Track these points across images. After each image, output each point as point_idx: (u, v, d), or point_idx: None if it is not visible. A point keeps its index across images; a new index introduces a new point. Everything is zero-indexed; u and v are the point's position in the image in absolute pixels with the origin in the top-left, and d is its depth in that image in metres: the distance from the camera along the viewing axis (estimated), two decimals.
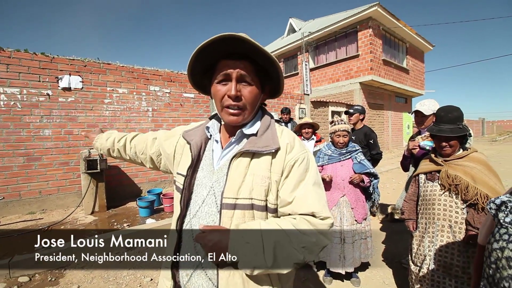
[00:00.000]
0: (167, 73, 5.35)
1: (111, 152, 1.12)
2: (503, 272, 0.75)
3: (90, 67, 4.50)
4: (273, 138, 0.73)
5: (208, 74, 0.76)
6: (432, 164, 1.68)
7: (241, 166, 0.70)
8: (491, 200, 0.88)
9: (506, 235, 0.76)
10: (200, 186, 0.74)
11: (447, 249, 1.51)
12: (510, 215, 0.78)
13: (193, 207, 0.73)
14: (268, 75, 0.76)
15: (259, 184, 0.69)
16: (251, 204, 0.68)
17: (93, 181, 3.97)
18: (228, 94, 0.69)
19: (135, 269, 2.46)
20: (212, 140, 0.81)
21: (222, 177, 0.72)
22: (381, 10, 9.72)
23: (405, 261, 2.45)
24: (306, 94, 8.53)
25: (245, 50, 0.69)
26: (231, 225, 0.67)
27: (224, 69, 0.69)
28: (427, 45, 13.43)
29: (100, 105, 4.60)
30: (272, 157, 0.71)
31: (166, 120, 5.34)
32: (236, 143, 0.76)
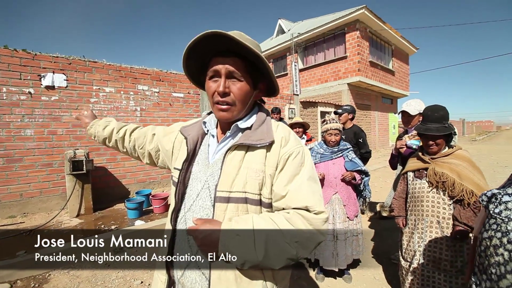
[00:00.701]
0: (156, 72, 5.25)
1: (107, 141, 1.09)
2: (491, 259, 0.79)
3: (75, 65, 4.36)
4: (268, 132, 0.73)
5: (204, 72, 0.77)
6: (419, 162, 1.73)
7: (236, 160, 0.70)
8: (483, 193, 0.92)
9: (494, 225, 0.80)
10: (195, 180, 0.75)
11: (435, 244, 1.56)
12: (499, 206, 0.82)
13: (188, 201, 0.74)
14: (260, 71, 0.76)
15: (253, 177, 0.68)
16: (245, 198, 0.68)
17: (78, 182, 3.84)
18: (217, 90, 0.70)
19: (124, 271, 2.39)
20: (209, 135, 0.82)
21: (217, 170, 0.73)
22: (368, 13, 9.95)
23: (394, 257, 2.51)
24: (295, 95, 8.61)
25: (235, 47, 0.69)
26: (224, 219, 0.67)
27: (214, 65, 0.71)
28: (411, 48, 13.86)
29: (86, 104, 4.45)
30: (267, 151, 0.71)
31: (155, 120, 5.24)
32: (231, 137, 0.77)
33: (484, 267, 0.85)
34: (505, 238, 0.75)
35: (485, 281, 0.83)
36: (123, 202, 3.97)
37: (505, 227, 0.76)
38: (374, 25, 10.93)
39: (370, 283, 2.18)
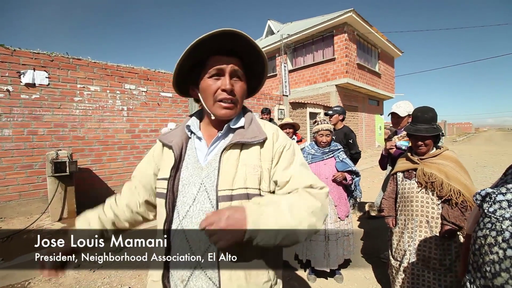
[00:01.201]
0: (143, 71, 5.13)
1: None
2: (485, 258, 0.80)
3: (58, 62, 4.18)
4: (259, 130, 0.76)
5: (195, 71, 0.76)
6: (408, 162, 1.77)
7: (232, 158, 0.71)
8: (477, 192, 0.94)
9: (489, 223, 0.82)
10: (188, 185, 0.72)
11: (425, 243, 1.59)
12: (493, 205, 0.83)
13: (182, 208, 0.71)
14: (252, 72, 0.79)
15: (252, 173, 0.71)
16: (247, 194, 0.69)
17: (61, 185, 3.68)
18: (223, 88, 0.71)
19: (110, 277, 2.30)
20: (193, 139, 0.80)
21: (213, 171, 0.72)
22: (356, 16, 10.16)
23: (384, 256, 2.55)
24: (285, 95, 8.66)
25: (235, 47, 0.71)
26: None
27: (217, 64, 0.71)
28: (396, 51, 14.27)
29: (69, 103, 4.28)
30: (261, 147, 0.74)
31: (142, 120, 5.11)
32: (222, 138, 0.77)
33: (478, 265, 0.86)
34: (499, 236, 0.77)
35: (479, 279, 0.85)
36: None
37: (499, 225, 0.78)
38: (361, 28, 11.17)
39: (361, 283, 2.20)
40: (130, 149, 4.98)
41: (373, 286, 2.16)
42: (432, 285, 1.54)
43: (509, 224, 0.76)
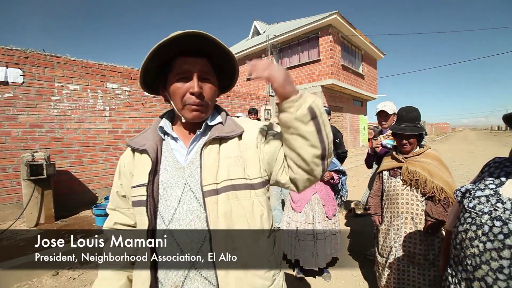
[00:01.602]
0: (126, 70, 4.97)
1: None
2: (467, 251, 0.83)
3: (34, 59, 3.96)
4: (236, 124, 0.77)
5: (162, 72, 0.74)
6: (394, 161, 1.81)
7: (213, 152, 0.71)
8: (457, 189, 0.97)
9: (469, 218, 0.85)
10: (170, 188, 0.69)
11: (410, 239, 1.63)
12: (473, 201, 0.87)
13: (166, 212, 0.68)
14: (222, 71, 0.78)
15: (234, 164, 0.70)
16: (232, 185, 0.69)
17: (37, 188, 3.48)
18: (191, 91, 0.69)
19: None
20: (168, 140, 0.77)
21: (196, 169, 0.70)
22: (340, 18, 10.37)
23: (370, 254, 2.61)
24: (271, 96, 8.69)
25: (203, 47, 0.70)
26: (218, 212, 0.66)
27: (185, 66, 0.69)
28: (379, 53, 14.71)
29: (47, 102, 4.07)
30: (239, 139, 0.74)
31: (125, 120, 4.95)
32: (201, 136, 0.76)
33: (459, 259, 0.89)
34: (479, 230, 0.80)
35: (460, 272, 0.87)
36: (91, 208, 3.68)
37: (479, 220, 0.81)
38: (345, 31, 11.42)
39: (348, 280, 2.23)
40: (113, 151, 4.80)
41: (360, 283, 2.20)
42: (417, 280, 1.59)
43: (488, 218, 0.79)
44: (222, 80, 0.79)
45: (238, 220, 0.67)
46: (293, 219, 2.10)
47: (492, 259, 0.75)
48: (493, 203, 0.81)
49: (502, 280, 0.73)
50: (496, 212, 0.78)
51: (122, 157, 0.79)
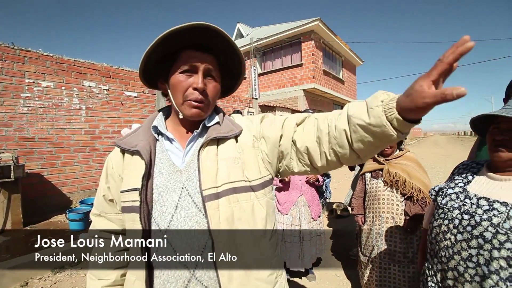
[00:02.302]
0: (105, 68, 4.76)
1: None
2: (440, 244, 0.90)
3: (1, 52, 3.69)
4: (234, 124, 0.73)
5: (166, 63, 0.69)
6: (375, 163, 1.89)
7: (211, 154, 0.67)
8: (432, 188, 1.06)
9: (442, 214, 0.93)
10: (166, 193, 0.64)
11: (391, 238, 1.70)
12: (445, 198, 0.95)
13: (162, 219, 0.63)
14: (227, 72, 0.75)
15: (233, 166, 0.67)
16: (233, 188, 0.65)
17: (3, 192, 3.22)
18: (195, 86, 0.65)
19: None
20: (162, 141, 0.72)
21: (194, 172, 0.66)
22: (322, 25, 10.68)
23: (352, 254, 2.68)
24: (254, 98, 8.72)
25: (211, 44, 0.67)
26: (220, 217, 0.62)
27: (191, 60, 0.65)
28: (358, 60, 15.32)
29: (15, 99, 3.79)
30: (236, 140, 0.71)
31: (103, 121, 4.73)
32: (198, 137, 0.72)
33: (435, 252, 0.95)
34: (451, 224, 0.87)
35: (436, 264, 0.94)
36: (64, 213, 3.46)
37: (450, 215, 0.89)
38: (326, 37, 11.77)
39: (332, 280, 2.28)
40: (89, 152, 4.57)
41: (343, 282, 2.25)
42: (397, 276, 1.66)
43: (457, 212, 0.87)
44: (223, 81, 0.75)
45: (240, 224, 0.64)
46: (279, 221, 2.11)
47: (463, 249, 0.82)
48: (462, 199, 0.89)
49: (472, 267, 0.79)
50: (464, 206, 0.86)
51: (109, 158, 0.74)
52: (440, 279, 0.92)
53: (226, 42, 0.66)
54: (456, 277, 0.84)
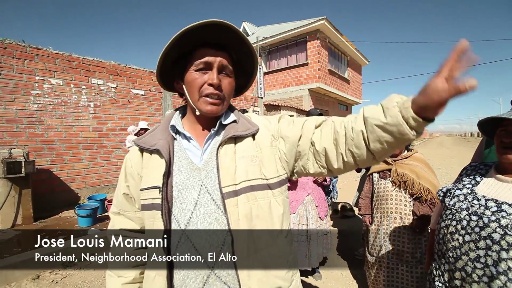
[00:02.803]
0: (113, 66, 4.81)
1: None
2: (448, 245, 0.91)
3: (12, 50, 3.75)
4: (250, 122, 0.74)
5: (181, 63, 0.71)
6: (383, 163, 1.89)
7: (229, 153, 0.68)
8: (439, 189, 1.06)
9: (450, 215, 0.93)
10: (186, 190, 0.66)
11: (399, 238, 1.70)
12: (453, 199, 0.96)
13: (181, 216, 0.64)
14: (241, 70, 0.75)
15: (251, 164, 0.68)
16: (250, 186, 0.66)
17: (14, 187, 3.29)
18: (210, 82, 0.66)
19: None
20: (180, 139, 0.73)
21: (212, 170, 0.68)
22: (328, 24, 10.62)
23: (358, 254, 2.68)
24: (259, 97, 8.72)
25: (224, 41, 0.68)
26: (239, 214, 0.63)
27: (205, 57, 0.67)
28: (364, 60, 15.20)
29: (26, 96, 3.86)
30: (253, 138, 0.72)
31: (111, 118, 4.79)
32: (215, 135, 0.73)
33: (442, 252, 0.96)
34: (459, 225, 0.88)
35: (443, 264, 0.95)
36: (73, 208, 3.52)
37: (458, 216, 0.89)
38: (332, 36, 11.71)
39: (338, 280, 2.29)
40: (97, 149, 4.63)
41: (349, 282, 2.26)
42: (405, 277, 1.66)
43: (465, 213, 0.88)
44: (237, 79, 0.76)
45: (258, 221, 0.65)
46: None
47: (470, 250, 0.83)
48: (470, 200, 0.90)
49: (479, 268, 0.80)
50: (472, 208, 0.87)
51: (128, 157, 0.75)
52: (448, 279, 0.93)
53: (240, 39, 0.67)
54: (464, 278, 0.85)
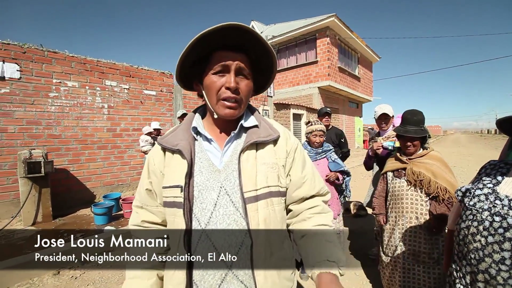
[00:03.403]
0: (125, 67, 4.92)
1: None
2: (470, 246, 0.88)
3: (31, 54, 3.90)
4: (271, 128, 0.76)
5: (197, 67, 0.72)
6: (398, 162, 1.85)
7: (251, 158, 0.70)
8: (458, 189, 1.03)
9: (470, 215, 0.90)
10: (206, 191, 0.68)
11: (415, 239, 1.67)
12: (473, 199, 0.92)
13: (202, 215, 0.67)
14: (259, 69, 0.76)
15: (271, 171, 0.71)
16: (270, 192, 0.70)
17: (35, 186, 3.42)
18: (227, 85, 0.67)
19: (95, 283, 2.18)
20: (201, 141, 0.75)
21: (232, 173, 0.69)
22: (338, 21, 10.48)
23: (371, 253, 2.64)
24: (269, 96, 8.71)
25: (241, 42, 0.68)
26: (259, 219, 0.66)
27: (222, 60, 0.67)
28: (375, 56, 14.91)
29: (44, 99, 4.01)
30: (274, 145, 0.75)
31: (124, 119, 4.90)
32: (235, 138, 0.75)
33: (463, 254, 0.94)
34: (481, 226, 0.85)
35: (465, 266, 0.92)
36: (88, 207, 3.64)
37: (480, 216, 0.86)
38: (342, 33, 11.54)
39: (352, 280, 2.26)
40: (111, 149, 4.75)
41: (363, 282, 2.23)
42: (422, 277, 1.62)
43: (488, 214, 0.84)
44: (256, 79, 0.77)
45: (273, 226, 0.69)
46: None
47: (494, 251, 0.80)
48: (492, 200, 0.86)
49: (505, 270, 0.78)
50: (495, 208, 0.84)
51: (151, 154, 0.78)
52: (470, 282, 0.90)
53: (257, 40, 0.68)
54: (488, 280, 0.82)
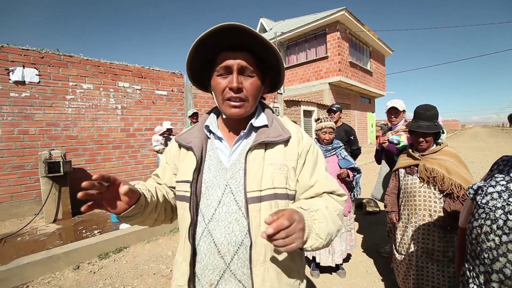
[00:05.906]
0: (137, 69, 5.03)
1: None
2: (483, 245, 0.86)
3: (49, 59, 4.06)
4: (283, 128, 0.75)
5: (206, 69, 0.74)
6: (410, 158, 1.80)
7: (258, 158, 0.69)
8: (469, 186, 0.99)
9: (483, 214, 0.87)
10: (212, 188, 0.70)
11: (428, 236, 1.63)
12: (485, 197, 0.89)
13: (207, 211, 0.69)
14: (268, 66, 0.75)
15: (279, 172, 0.69)
16: (275, 194, 0.68)
17: (55, 185, 3.58)
18: (230, 86, 0.68)
19: (112, 278, 2.27)
20: (213, 139, 0.77)
21: (238, 172, 0.70)
22: (348, 14, 10.25)
23: (383, 251, 2.61)
24: (279, 93, 8.67)
25: (244, 41, 0.68)
26: (261, 219, 0.66)
27: (225, 61, 0.68)
28: (387, 50, 14.50)
29: (62, 101, 4.17)
30: (285, 145, 0.73)
31: (137, 119, 5.03)
32: (245, 137, 0.75)
33: (476, 253, 0.91)
34: (494, 224, 0.82)
35: (478, 266, 0.90)
36: None
37: (493, 215, 0.84)
38: (353, 27, 11.29)
39: (363, 277, 2.24)
40: (125, 148, 4.89)
41: (375, 279, 2.20)
42: (436, 276, 1.59)
43: (501, 212, 0.82)
44: (269, 75, 0.77)
45: None
46: None
47: (509, 251, 0.78)
48: (505, 198, 0.83)
49: None
50: (509, 206, 0.81)
51: (169, 147, 0.84)
52: (484, 281, 0.88)
53: (255, 38, 0.67)
54: (502, 280, 0.80)
